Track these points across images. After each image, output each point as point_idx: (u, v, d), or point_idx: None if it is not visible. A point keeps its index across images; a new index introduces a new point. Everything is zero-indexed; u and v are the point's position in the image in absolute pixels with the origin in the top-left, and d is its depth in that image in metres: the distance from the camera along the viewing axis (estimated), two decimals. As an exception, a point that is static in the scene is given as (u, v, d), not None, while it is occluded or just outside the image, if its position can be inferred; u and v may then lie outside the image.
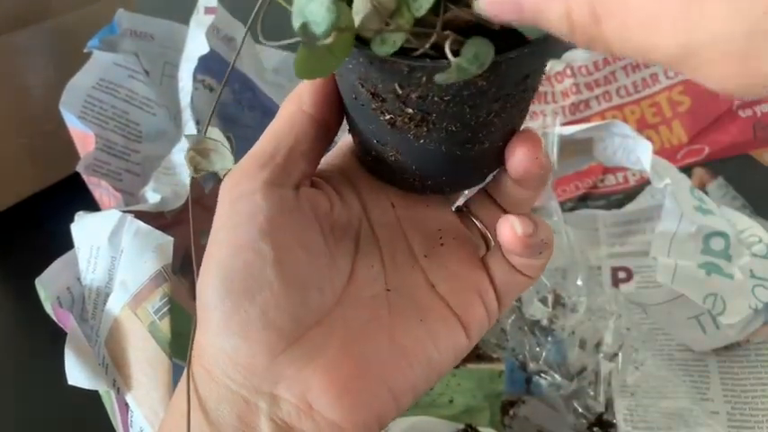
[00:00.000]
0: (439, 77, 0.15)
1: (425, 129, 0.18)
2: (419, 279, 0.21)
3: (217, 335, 0.18)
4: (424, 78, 0.16)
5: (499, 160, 0.20)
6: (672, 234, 0.37)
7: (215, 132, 0.19)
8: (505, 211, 0.21)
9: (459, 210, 0.22)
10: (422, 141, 0.18)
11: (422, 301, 0.20)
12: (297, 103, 0.19)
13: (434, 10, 0.16)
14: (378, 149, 0.19)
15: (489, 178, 0.21)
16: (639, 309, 0.40)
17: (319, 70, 0.17)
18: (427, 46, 0.16)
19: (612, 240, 0.45)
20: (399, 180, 0.20)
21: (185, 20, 0.41)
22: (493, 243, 0.21)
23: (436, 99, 0.17)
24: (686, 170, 0.46)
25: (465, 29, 0.16)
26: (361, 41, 0.16)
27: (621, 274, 0.44)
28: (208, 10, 0.38)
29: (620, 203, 0.47)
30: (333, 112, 0.20)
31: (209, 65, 0.38)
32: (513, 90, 0.18)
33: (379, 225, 0.21)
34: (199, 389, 0.19)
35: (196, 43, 0.36)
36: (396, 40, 0.16)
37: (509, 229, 0.19)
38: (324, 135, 0.20)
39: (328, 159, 0.21)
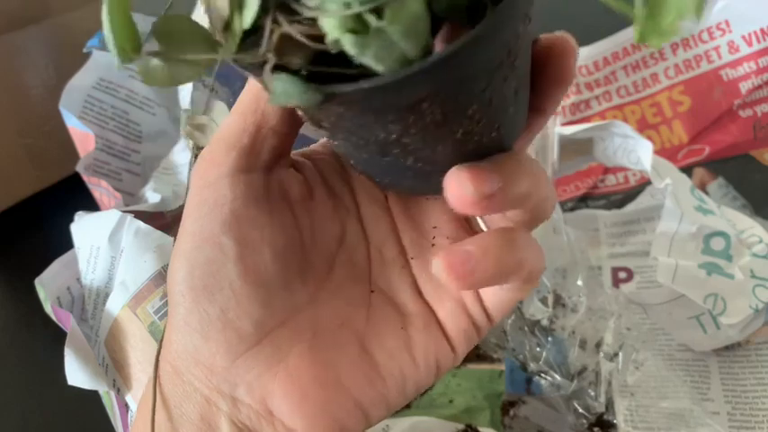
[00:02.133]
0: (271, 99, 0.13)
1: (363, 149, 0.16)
2: (406, 283, 0.19)
3: (180, 330, 0.17)
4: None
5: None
6: (672, 234, 0.37)
7: (220, 106, 0.19)
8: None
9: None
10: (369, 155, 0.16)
11: (406, 308, 0.19)
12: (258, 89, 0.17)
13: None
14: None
15: None
16: (640, 309, 0.40)
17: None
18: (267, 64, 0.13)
19: (613, 240, 0.45)
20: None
21: (185, 20, 0.41)
22: None
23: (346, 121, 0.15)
24: (687, 170, 0.46)
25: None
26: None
27: (622, 275, 0.44)
28: (208, 10, 0.38)
29: (620, 203, 0.47)
30: None
31: (209, 65, 0.38)
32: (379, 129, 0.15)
33: (370, 218, 0.19)
34: (164, 386, 0.18)
35: (196, 43, 0.36)
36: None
37: (454, 184, 0.16)
38: (292, 113, 0.18)
39: (322, 141, 0.20)
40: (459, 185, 0.15)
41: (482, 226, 0.19)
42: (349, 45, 0.12)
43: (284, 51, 0.13)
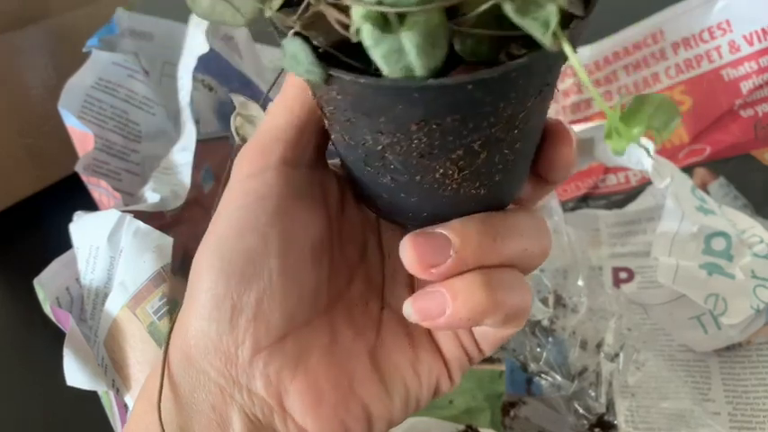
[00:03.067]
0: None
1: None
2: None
3: (203, 317, 0.17)
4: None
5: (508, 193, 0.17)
6: (673, 234, 0.36)
7: (252, 106, 0.19)
8: None
9: None
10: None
11: (413, 328, 0.19)
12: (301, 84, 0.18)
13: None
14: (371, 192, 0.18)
15: None
16: (641, 309, 0.40)
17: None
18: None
19: (613, 240, 0.45)
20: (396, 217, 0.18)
21: (185, 19, 0.41)
22: None
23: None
24: (687, 170, 0.46)
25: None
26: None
27: (623, 275, 0.44)
28: (207, 9, 0.38)
29: (621, 203, 0.47)
30: None
31: (208, 64, 0.38)
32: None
33: (388, 237, 0.20)
34: (174, 374, 0.18)
35: (195, 43, 0.36)
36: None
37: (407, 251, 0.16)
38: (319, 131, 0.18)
39: None
40: (404, 250, 0.16)
41: None
42: (366, 36, 0.13)
43: (312, 26, 0.14)
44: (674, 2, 0.47)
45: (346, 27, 0.13)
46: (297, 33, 0.14)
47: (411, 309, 0.17)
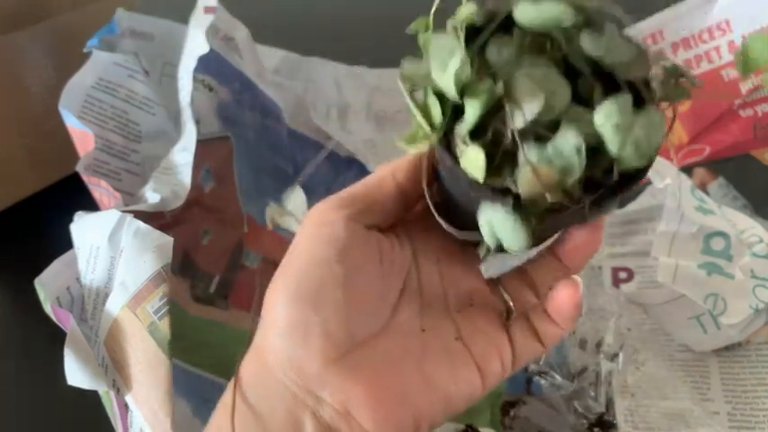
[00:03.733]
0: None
1: None
2: (450, 328, 0.24)
3: (280, 336, 0.21)
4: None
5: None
6: (672, 234, 0.37)
7: (298, 193, 0.22)
8: (534, 290, 0.25)
9: (490, 279, 0.25)
10: None
11: (450, 346, 0.23)
12: (391, 170, 0.23)
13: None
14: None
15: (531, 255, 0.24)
16: (640, 309, 0.40)
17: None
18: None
19: (613, 240, 0.45)
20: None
21: (185, 19, 0.41)
22: (515, 314, 0.24)
23: None
24: (687, 170, 0.46)
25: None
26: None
27: (622, 274, 0.44)
28: (207, 9, 0.38)
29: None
30: (417, 188, 0.23)
31: (208, 64, 0.38)
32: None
33: (424, 274, 0.24)
34: (252, 384, 0.22)
35: (196, 43, 0.36)
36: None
37: (570, 295, 0.23)
38: (403, 202, 0.23)
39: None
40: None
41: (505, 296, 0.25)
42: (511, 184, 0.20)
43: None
44: (673, 2, 0.48)
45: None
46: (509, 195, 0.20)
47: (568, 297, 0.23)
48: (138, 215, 0.29)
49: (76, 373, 0.27)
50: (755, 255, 0.36)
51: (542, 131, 0.19)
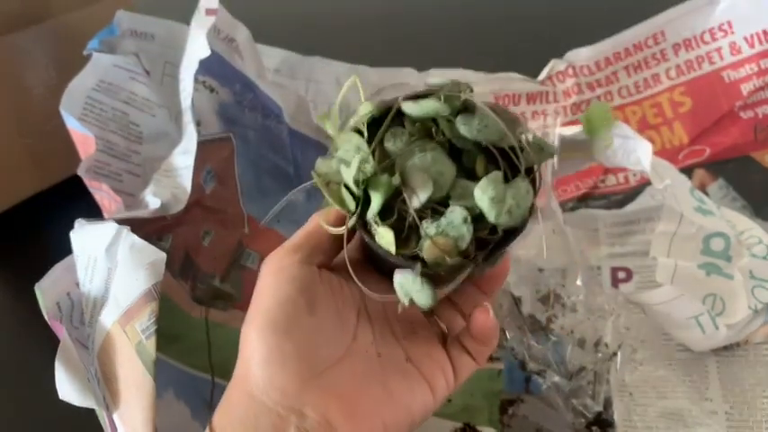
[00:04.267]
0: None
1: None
2: (400, 352, 0.28)
3: (260, 364, 0.24)
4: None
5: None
6: (672, 234, 0.37)
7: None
8: (462, 316, 0.29)
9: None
10: None
11: (403, 367, 0.27)
12: (323, 219, 0.27)
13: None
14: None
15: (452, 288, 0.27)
16: (639, 309, 0.40)
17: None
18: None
19: (612, 240, 0.45)
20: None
21: (185, 19, 0.41)
22: (449, 337, 0.29)
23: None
24: (687, 171, 0.46)
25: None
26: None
27: (621, 274, 0.44)
28: (209, 11, 0.38)
29: (620, 204, 0.47)
30: (349, 233, 0.27)
31: (210, 66, 0.38)
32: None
33: (372, 310, 0.28)
34: (236, 411, 0.25)
35: (197, 45, 0.36)
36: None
37: (483, 320, 0.27)
38: (337, 245, 0.27)
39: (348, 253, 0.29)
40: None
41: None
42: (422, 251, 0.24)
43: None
44: (675, 3, 0.47)
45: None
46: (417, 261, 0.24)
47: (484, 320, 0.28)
48: (139, 219, 0.29)
49: (67, 389, 0.27)
50: (754, 256, 0.36)
51: (436, 207, 0.24)
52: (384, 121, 0.25)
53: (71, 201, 0.35)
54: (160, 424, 0.26)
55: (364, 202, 0.24)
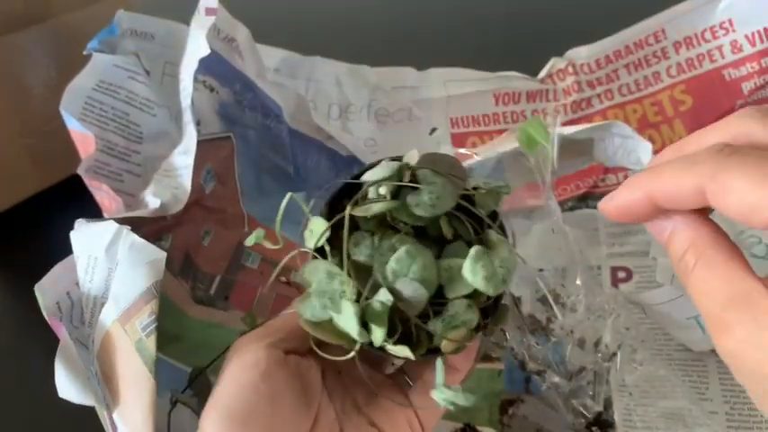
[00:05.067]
0: None
1: None
2: (363, 421, 0.28)
3: None
4: None
5: None
6: (672, 234, 0.36)
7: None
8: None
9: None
10: None
11: None
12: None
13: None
14: None
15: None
16: (638, 308, 0.40)
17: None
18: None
19: (612, 240, 0.45)
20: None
21: (185, 19, 0.41)
22: (412, 384, 0.28)
23: None
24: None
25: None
26: None
27: (621, 274, 0.44)
28: (209, 11, 0.38)
29: (620, 203, 0.47)
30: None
31: (209, 65, 0.38)
32: None
33: (332, 385, 0.28)
34: None
35: (196, 45, 0.36)
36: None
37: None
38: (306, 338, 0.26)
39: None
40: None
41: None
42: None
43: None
44: (676, 1, 0.47)
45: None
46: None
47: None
48: (139, 219, 0.29)
49: (67, 387, 0.27)
50: (754, 255, 0.36)
51: (434, 302, 0.24)
52: (335, 226, 0.25)
53: (71, 200, 0.35)
54: (159, 423, 0.26)
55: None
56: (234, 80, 0.41)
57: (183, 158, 0.35)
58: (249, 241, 0.27)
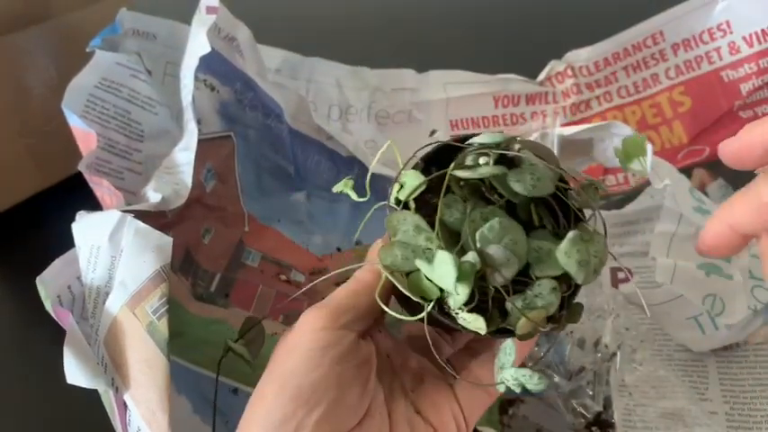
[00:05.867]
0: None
1: None
2: (409, 406, 0.27)
3: (268, 429, 0.23)
4: None
5: None
6: (671, 234, 0.37)
7: None
8: (473, 353, 0.28)
9: (434, 354, 0.28)
10: None
11: (412, 421, 0.27)
12: (370, 287, 0.26)
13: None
14: None
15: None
16: (638, 309, 0.40)
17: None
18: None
19: (612, 241, 0.45)
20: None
21: (187, 19, 0.41)
22: (457, 377, 0.28)
23: None
24: (687, 171, 0.46)
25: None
26: None
27: (621, 274, 0.44)
28: (209, 9, 0.38)
29: (620, 204, 0.47)
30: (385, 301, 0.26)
31: (210, 64, 0.38)
32: None
33: (382, 368, 0.28)
34: None
35: (197, 43, 0.36)
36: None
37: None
38: (374, 310, 0.26)
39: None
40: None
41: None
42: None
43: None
44: (674, 3, 0.48)
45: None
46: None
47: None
48: (140, 214, 0.29)
49: (75, 372, 0.27)
50: (754, 256, 0.36)
51: (516, 280, 0.24)
52: (428, 186, 0.24)
53: (72, 199, 0.35)
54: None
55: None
56: (234, 79, 0.41)
57: (185, 155, 0.35)
58: (336, 188, 0.27)
